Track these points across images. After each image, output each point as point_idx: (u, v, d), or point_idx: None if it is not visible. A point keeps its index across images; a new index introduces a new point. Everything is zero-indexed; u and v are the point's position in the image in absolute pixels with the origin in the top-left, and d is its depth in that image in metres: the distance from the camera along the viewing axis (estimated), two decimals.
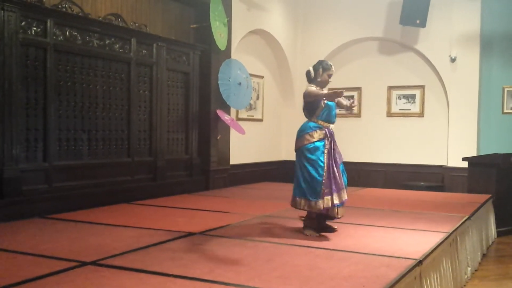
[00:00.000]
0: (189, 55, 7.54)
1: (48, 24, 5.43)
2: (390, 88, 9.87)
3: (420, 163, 9.54)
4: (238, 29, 8.47)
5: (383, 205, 6.48)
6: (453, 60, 9.18)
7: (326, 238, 4.41)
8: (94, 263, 3.47)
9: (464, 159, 8.12)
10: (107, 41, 6.20)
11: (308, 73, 4.78)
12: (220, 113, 7.80)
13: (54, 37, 5.51)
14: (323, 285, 3.04)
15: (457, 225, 5.04)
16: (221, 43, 7.73)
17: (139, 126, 6.69)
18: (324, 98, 4.55)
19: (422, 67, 9.64)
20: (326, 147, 4.57)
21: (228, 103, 7.99)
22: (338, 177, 4.54)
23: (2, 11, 4.95)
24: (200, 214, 5.54)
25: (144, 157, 6.80)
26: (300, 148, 4.64)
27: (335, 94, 4.38)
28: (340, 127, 10.05)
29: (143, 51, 6.74)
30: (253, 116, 9.42)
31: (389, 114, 9.91)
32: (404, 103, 9.70)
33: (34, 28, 5.33)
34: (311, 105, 4.68)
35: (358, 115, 10.15)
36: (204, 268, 3.35)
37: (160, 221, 5.10)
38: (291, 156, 10.38)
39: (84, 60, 5.91)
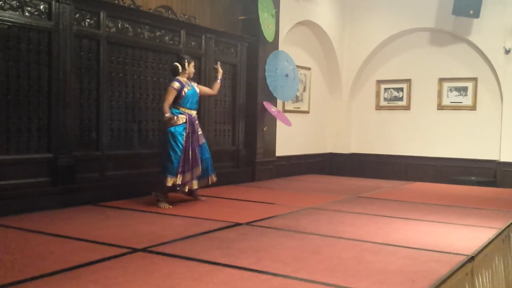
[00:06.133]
0: (237, 46, 7.57)
1: (101, 16, 5.57)
2: (441, 80, 9.62)
3: (472, 157, 9.28)
4: (285, 20, 8.44)
5: (432, 199, 6.35)
6: (507, 51, 8.85)
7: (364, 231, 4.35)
8: (144, 250, 3.55)
9: None
10: (158, 33, 6.30)
11: (175, 68, 5.44)
12: (267, 104, 7.81)
13: (107, 29, 5.65)
14: (371, 279, 3.01)
15: (510, 221, 4.89)
16: (268, 35, 7.72)
17: None
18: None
19: (474, 59, 9.35)
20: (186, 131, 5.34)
21: (274, 94, 8.00)
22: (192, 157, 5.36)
23: (57, 3, 5.11)
24: (246, 205, 5.58)
25: None
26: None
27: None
28: (388, 120, 10.07)
29: (192, 42, 6.81)
30: (299, 108, 9.39)
31: (440, 107, 9.67)
32: (456, 95, 9.45)
33: (88, 20, 5.48)
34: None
35: (408, 107, 9.95)
36: (251, 258, 3.38)
37: (207, 211, 5.17)
38: (337, 148, 10.42)
39: (135, 52, 6.03)
